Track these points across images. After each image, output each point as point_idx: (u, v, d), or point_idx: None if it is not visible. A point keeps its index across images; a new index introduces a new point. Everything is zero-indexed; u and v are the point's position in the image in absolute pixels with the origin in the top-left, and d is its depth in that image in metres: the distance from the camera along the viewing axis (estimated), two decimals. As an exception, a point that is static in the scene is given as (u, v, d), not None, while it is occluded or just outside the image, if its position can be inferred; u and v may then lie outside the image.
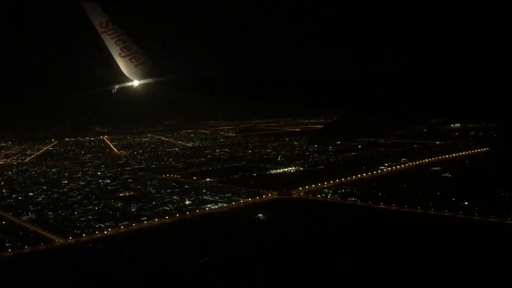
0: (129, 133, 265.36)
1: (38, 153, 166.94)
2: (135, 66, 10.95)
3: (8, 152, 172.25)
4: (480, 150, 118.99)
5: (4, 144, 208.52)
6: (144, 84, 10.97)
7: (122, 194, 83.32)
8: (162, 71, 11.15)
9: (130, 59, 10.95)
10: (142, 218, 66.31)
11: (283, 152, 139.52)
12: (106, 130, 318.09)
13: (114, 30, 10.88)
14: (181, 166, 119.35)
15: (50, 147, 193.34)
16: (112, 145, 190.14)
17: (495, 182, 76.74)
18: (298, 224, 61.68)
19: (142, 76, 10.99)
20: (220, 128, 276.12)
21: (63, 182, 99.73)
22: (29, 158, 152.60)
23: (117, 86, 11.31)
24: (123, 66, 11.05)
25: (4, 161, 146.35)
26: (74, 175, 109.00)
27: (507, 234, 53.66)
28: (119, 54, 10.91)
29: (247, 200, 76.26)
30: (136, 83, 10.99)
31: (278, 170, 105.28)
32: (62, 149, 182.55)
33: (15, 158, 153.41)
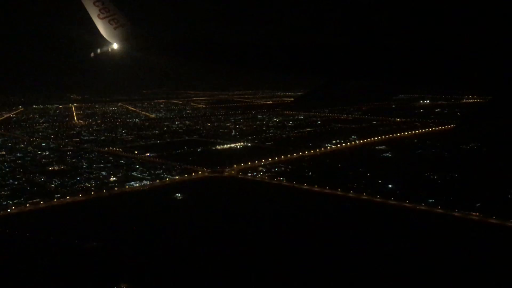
0: (101, 101, 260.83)
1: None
2: (114, 28, 10.58)
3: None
4: (436, 129, 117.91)
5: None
6: (123, 47, 10.67)
7: (51, 168, 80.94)
8: (142, 34, 10.90)
9: (109, 21, 10.55)
10: (56, 195, 64.08)
11: (240, 126, 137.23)
12: (80, 97, 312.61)
13: None
14: (130, 138, 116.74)
15: (12, 114, 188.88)
16: (76, 114, 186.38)
17: (433, 165, 75.72)
18: (211, 204, 60.08)
19: (121, 39, 10.65)
20: (194, 99, 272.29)
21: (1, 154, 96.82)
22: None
23: (97, 50, 11.03)
24: (102, 28, 10.63)
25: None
26: (17, 145, 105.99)
27: (422, 218, 52.54)
28: (98, 16, 10.47)
29: (174, 178, 74.25)
30: (115, 46, 10.65)
31: (225, 146, 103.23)
32: (23, 117, 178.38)
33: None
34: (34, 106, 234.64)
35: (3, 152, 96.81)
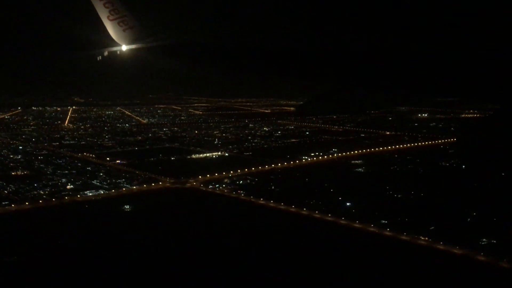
0: (101, 105, 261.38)
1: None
2: (124, 30, 10.53)
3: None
4: (423, 144, 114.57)
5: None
6: (132, 49, 10.58)
7: (14, 173, 79.79)
8: (152, 36, 10.77)
9: (118, 23, 10.51)
10: (3, 202, 62.55)
11: (227, 135, 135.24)
12: (82, 100, 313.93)
13: None
14: (110, 144, 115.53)
15: (7, 115, 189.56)
16: (69, 117, 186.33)
17: (402, 182, 72.85)
18: (155, 216, 58.00)
19: (130, 41, 10.56)
20: (195, 105, 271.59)
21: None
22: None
23: (105, 52, 10.67)
24: (111, 29, 10.58)
25: None
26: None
27: (368, 240, 49.79)
28: (108, 17, 10.43)
29: (132, 187, 72.32)
30: (124, 48, 10.56)
31: (201, 155, 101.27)
32: (16, 118, 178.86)
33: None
34: (33, 107, 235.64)
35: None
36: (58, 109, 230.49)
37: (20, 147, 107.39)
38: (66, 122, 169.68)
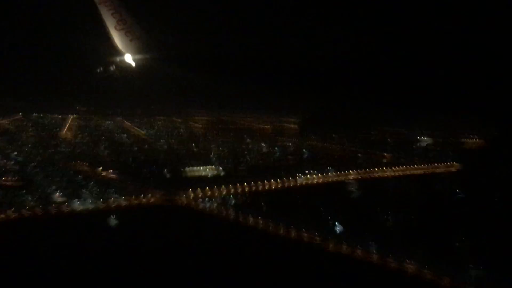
0: (102, 114, 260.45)
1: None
2: (130, 40, 11.18)
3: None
4: (417, 166, 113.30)
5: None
6: (138, 58, 11.17)
7: (3, 180, 78.90)
8: (158, 46, 11.31)
9: (125, 33, 11.22)
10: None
11: (223, 149, 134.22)
12: (85, 109, 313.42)
13: (112, 1, 11.19)
14: (104, 154, 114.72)
15: (7, 121, 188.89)
16: (68, 125, 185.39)
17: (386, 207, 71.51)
18: (143, 232, 56.97)
19: (136, 51, 11.16)
20: (196, 117, 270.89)
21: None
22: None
23: (112, 61, 11.32)
24: (118, 39, 11.27)
25: None
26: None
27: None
28: (115, 27, 11.24)
29: (120, 200, 71.40)
30: (129, 57, 11.26)
31: (194, 169, 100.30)
32: (15, 124, 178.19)
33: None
34: (34, 114, 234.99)
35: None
36: (59, 116, 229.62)
37: (13, 154, 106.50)
38: (65, 130, 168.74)
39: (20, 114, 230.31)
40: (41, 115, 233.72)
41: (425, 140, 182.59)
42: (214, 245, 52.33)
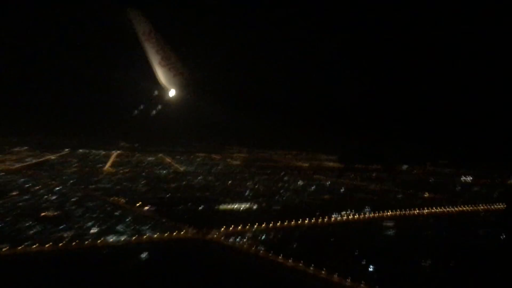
0: (144, 151, 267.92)
1: (33, 161, 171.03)
2: (173, 76, 10.89)
3: (9, 157, 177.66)
4: (460, 209, 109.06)
5: (18, 149, 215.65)
6: (181, 95, 10.80)
7: (44, 213, 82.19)
8: (200, 83, 11.01)
9: (169, 69, 10.87)
10: (26, 243, 64.02)
11: (259, 187, 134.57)
12: (128, 145, 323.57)
13: (156, 39, 10.88)
14: (143, 190, 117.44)
15: (54, 156, 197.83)
16: (111, 161, 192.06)
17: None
18: (173, 268, 57.33)
19: (179, 87, 10.85)
20: (234, 155, 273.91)
21: (12, 193, 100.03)
22: (19, 165, 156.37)
23: (156, 97, 11.16)
24: (162, 75, 10.93)
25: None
26: (32, 188, 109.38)
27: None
28: (159, 63, 10.84)
29: (153, 235, 72.44)
30: (172, 93, 10.84)
31: (229, 206, 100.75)
32: (61, 160, 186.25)
33: (6, 164, 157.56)
34: (80, 150, 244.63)
35: (14, 193, 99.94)
36: (103, 152, 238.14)
37: (57, 188, 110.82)
38: (107, 165, 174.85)
39: (68, 149, 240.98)
40: (87, 151, 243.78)
41: (468, 179, 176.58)
42: (242, 281, 52.05)
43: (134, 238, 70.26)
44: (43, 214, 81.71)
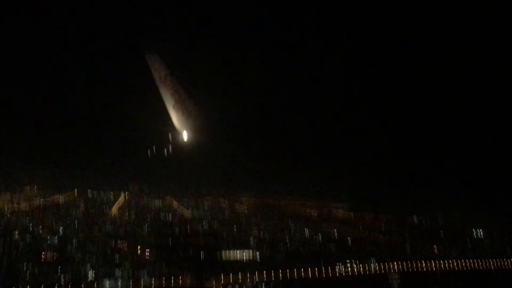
0: (152, 193, 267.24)
1: (40, 201, 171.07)
2: (187, 118, 11.16)
3: (17, 196, 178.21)
4: (478, 265, 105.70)
5: (28, 187, 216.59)
6: (193, 136, 10.92)
7: (42, 256, 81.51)
8: (214, 125, 11.27)
9: (183, 112, 11.14)
10: (19, 286, 63.10)
11: (264, 234, 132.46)
12: (136, 187, 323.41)
13: (172, 82, 11.42)
14: (147, 233, 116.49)
15: (61, 196, 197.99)
16: (118, 204, 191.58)
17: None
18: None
19: (193, 129, 10.99)
20: (243, 199, 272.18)
21: (15, 234, 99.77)
22: (25, 205, 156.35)
23: (169, 139, 11.21)
24: (175, 118, 11.25)
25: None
26: (35, 230, 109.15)
27: None
28: (173, 106, 11.24)
29: (150, 282, 71.10)
30: (186, 135, 10.99)
31: (231, 254, 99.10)
32: (69, 200, 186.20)
33: (13, 204, 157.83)
34: (88, 190, 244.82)
35: (16, 236, 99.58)
36: (111, 194, 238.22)
37: (59, 231, 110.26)
38: (113, 208, 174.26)
39: (75, 190, 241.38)
40: (95, 192, 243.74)
41: (481, 230, 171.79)
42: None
43: (130, 282, 69.04)
44: (42, 255, 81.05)
